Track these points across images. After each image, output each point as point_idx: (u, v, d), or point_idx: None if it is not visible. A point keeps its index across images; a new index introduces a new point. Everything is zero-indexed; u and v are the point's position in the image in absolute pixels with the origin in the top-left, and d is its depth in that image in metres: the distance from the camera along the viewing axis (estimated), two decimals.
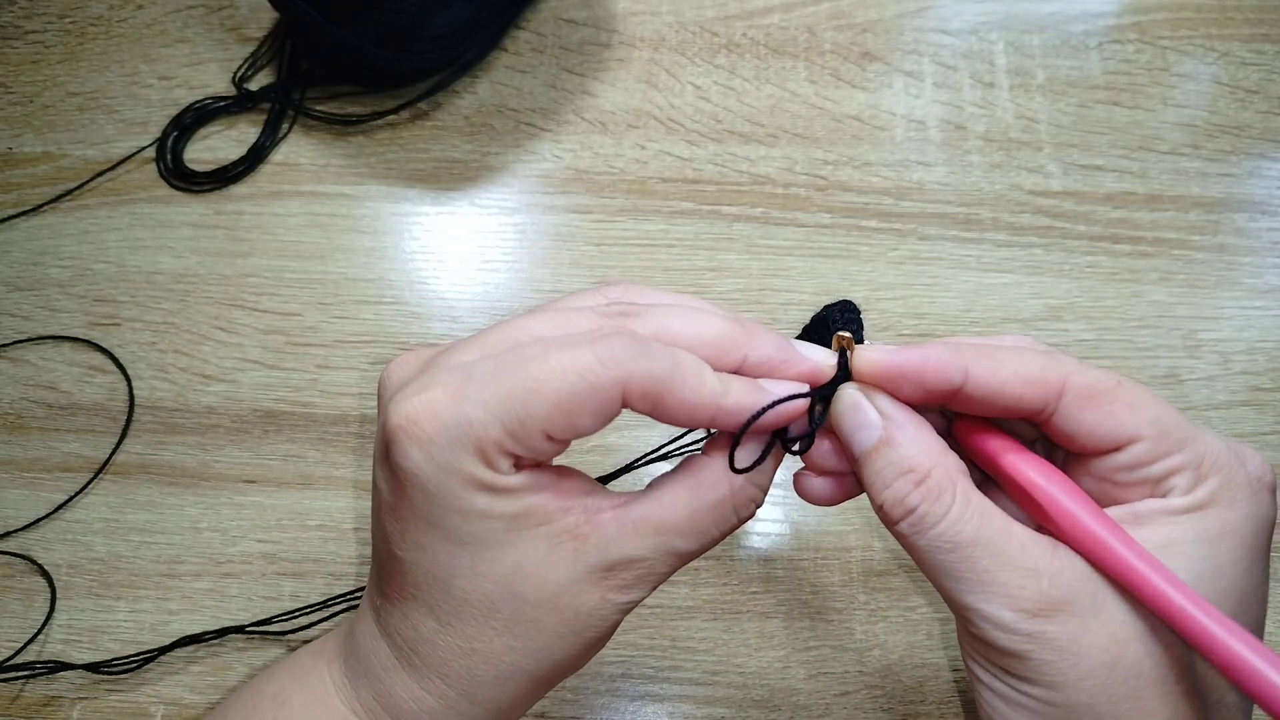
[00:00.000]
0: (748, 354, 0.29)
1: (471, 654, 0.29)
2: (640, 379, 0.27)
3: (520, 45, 0.61)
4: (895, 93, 0.59)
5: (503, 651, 0.29)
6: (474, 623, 0.29)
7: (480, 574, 0.28)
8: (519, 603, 0.28)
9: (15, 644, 0.46)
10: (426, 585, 0.29)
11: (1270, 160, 0.56)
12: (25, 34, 0.62)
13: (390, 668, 0.31)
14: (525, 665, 0.29)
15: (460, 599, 0.29)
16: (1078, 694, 0.27)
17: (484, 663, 0.29)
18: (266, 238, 0.55)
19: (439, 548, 0.28)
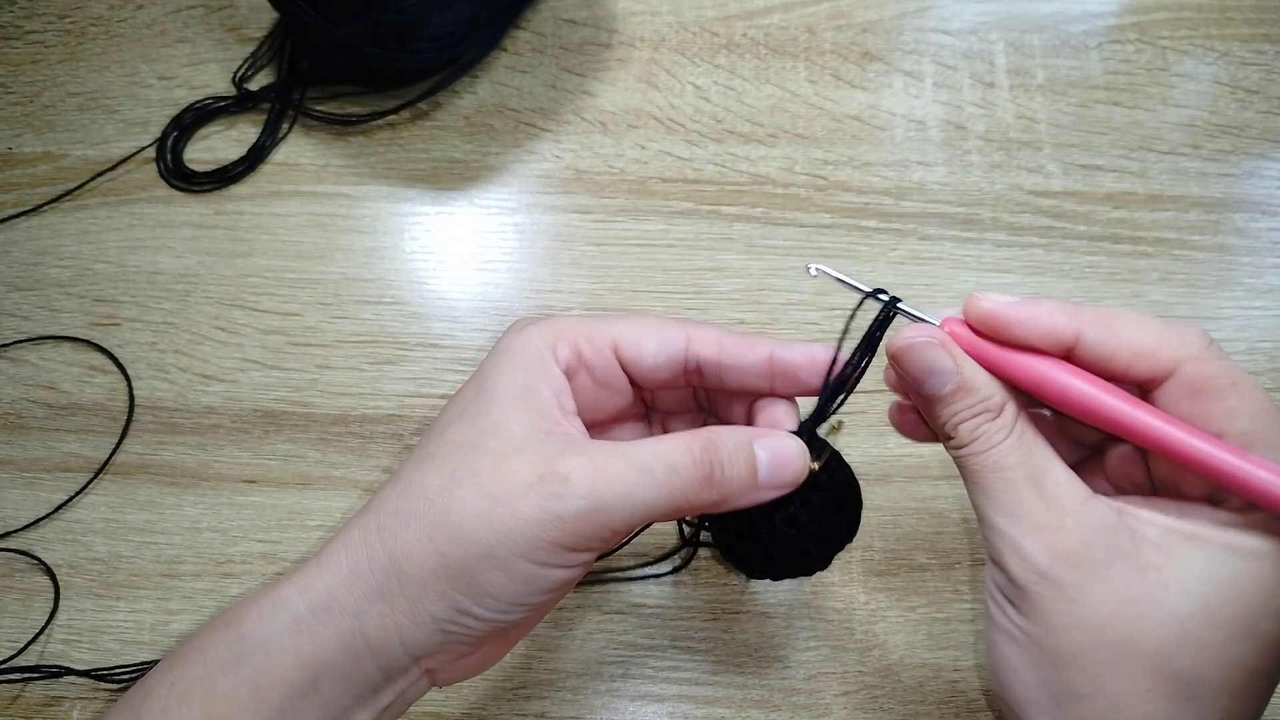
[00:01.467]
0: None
1: (410, 486, 0.31)
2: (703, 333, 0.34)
3: (520, 45, 0.61)
4: (895, 93, 0.59)
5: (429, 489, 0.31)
6: (437, 459, 0.32)
7: (470, 421, 0.32)
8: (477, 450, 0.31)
9: (15, 644, 0.46)
10: (435, 429, 0.33)
11: (1270, 160, 0.56)
12: (25, 34, 0.62)
13: (344, 525, 0.32)
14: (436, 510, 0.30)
15: (445, 439, 0.32)
16: (1066, 641, 0.28)
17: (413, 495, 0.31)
18: (266, 238, 0.55)
19: (466, 395, 0.33)
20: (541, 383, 0.33)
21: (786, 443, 0.33)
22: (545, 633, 0.46)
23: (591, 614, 0.46)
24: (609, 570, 0.47)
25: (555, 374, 0.33)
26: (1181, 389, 0.29)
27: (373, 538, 0.31)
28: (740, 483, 0.32)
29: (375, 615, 0.30)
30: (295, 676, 0.30)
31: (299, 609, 0.31)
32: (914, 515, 0.48)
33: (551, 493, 0.29)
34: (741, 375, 0.35)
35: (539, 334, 0.34)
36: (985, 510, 0.30)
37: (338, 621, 0.30)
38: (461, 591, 0.30)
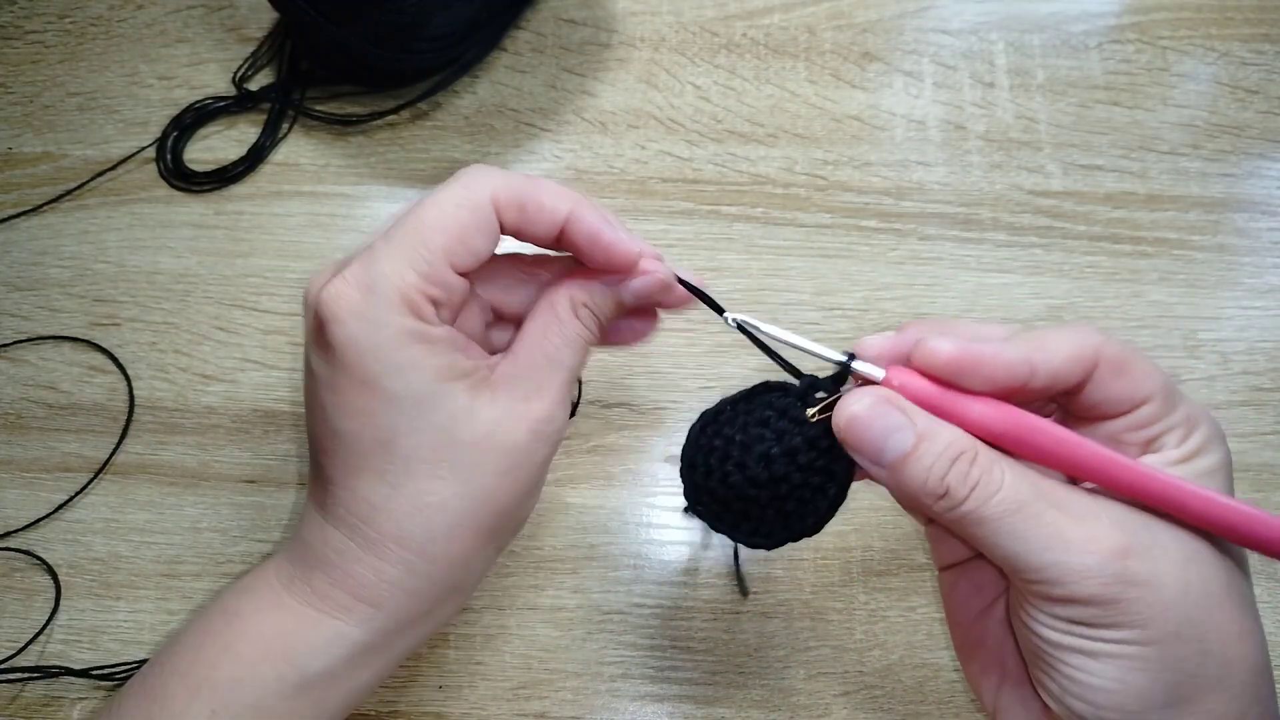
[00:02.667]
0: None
1: (424, 509, 0.31)
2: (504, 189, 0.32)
3: (520, 45, 0.61)
4: (895, 93, 0.59)
5: (451, 499, 0.31)
6: (423, 476, 0.31)
7: (419, 428, 0.31)
8: (460, 447, 0.31)
9: (15, 644, 0.46)
10: (371, 452, 0.31)
11: (1270, 160, 0.56)
12: (25, 34, 0.62)
13: (343, 550, 0.32)
14: (473, 511, 0.32)
15: (406, 456, 0.31)
16: (1166, 624, 0.28)
17: (437, 514, 0.31)
18: (266, 238, 0.55)
19: (378, 409, 0.31)
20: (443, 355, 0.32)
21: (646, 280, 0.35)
22: (545, 633, 0.46)
23: (591, 614, 0.46)
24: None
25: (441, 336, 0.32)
26: (1109, 370, 0.30)
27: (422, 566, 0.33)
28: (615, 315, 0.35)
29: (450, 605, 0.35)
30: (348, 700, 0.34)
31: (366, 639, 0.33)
32: None
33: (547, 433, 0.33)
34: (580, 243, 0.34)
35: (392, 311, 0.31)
36: (1021, 555, 0.28)
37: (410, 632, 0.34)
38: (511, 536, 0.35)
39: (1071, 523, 0.28)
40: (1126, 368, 0.30)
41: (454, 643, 0.46)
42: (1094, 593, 0.28)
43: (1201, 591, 0.28)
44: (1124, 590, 0.28)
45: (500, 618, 0.46)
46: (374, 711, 0.44)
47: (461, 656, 0.45)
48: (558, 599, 0.47)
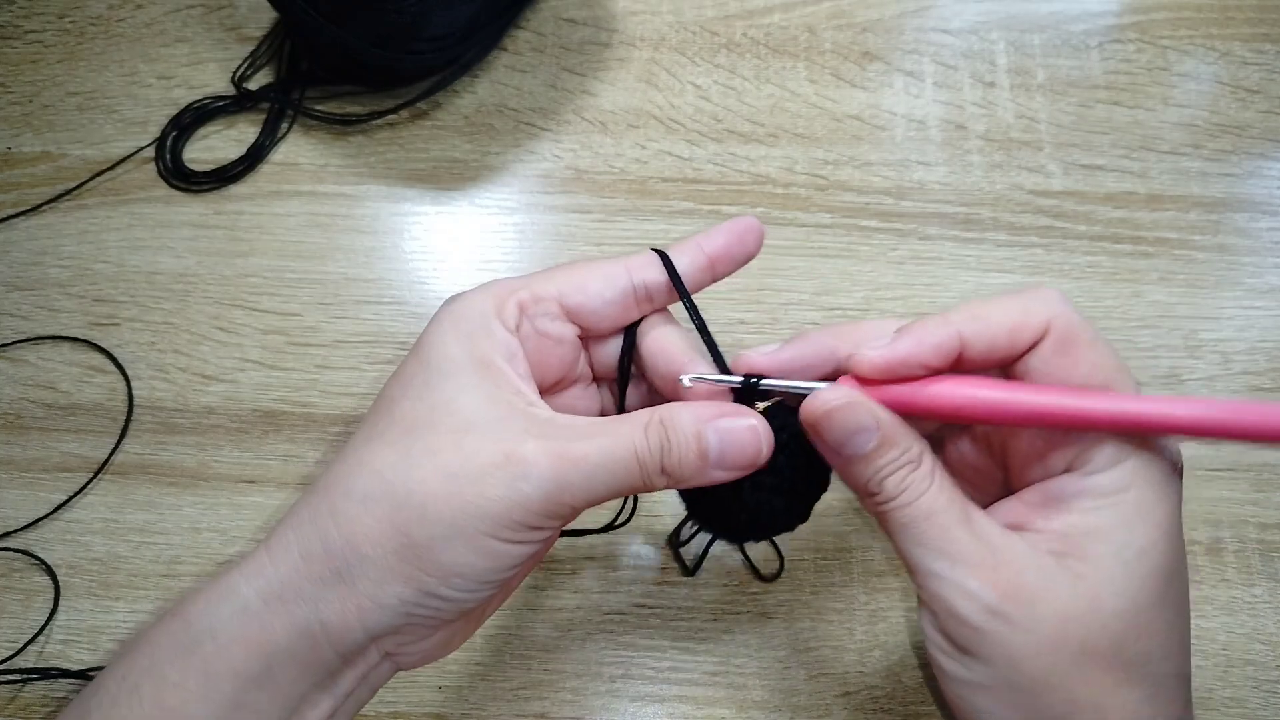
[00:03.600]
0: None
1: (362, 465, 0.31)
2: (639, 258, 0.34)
3: (520, 45, 0.60)
4: (895, 92, 0.59)
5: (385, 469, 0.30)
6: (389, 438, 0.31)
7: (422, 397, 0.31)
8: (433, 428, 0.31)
9: (14, 644, 0.46)
10: (380, 407, 0.32)
11: (1271, 160, 0.56)
12: (24, 33, 0.62)
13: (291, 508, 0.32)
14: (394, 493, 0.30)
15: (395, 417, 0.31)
16: (1034, 669, 0.29)
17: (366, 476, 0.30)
18: (266, 238, 0.55)
19: (410, 370, 0.32)
20: (491, 351, 0.32)
21: (739, 424, 0.31)
22: (545, 633, 0.46)
23: (592, 614, 0.46)
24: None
25: (503, 338, 0.33)
26: (1054, 345, 0.30)
27: (326, 521, 0.30)
28: (691, 467, 0.31)
29: (334, 600, 0.30)
30: (246, 666, 0.30)
31: (247, 596, 0.30)
32: None
33: (517, 474, 0.29)
34: (691, 283, 0.35)
35: (480, 297, 0.33)
36: (921, 559, 0.30)
37: (290, 608, 0.30)
38: (429, 572, 0.30)
39: (973, 544, 0.29)
40: (1071, 346, 0.30)
41: None
42: (966, 615, 0.29)
43: (1076, 648, 0.28)
44: (997, 624, 0.29)
45: (500, 618, 0.46)
46: (374, 712, 0.44)
47: (461, 656, 0.45)
48: (558, 599, 0.46)
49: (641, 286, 0.34)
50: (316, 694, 0.31)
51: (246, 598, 0.30)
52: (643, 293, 0.35)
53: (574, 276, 0.34)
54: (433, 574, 0.30)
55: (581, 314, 0.34)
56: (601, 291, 0.34)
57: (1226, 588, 0.46)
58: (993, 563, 0.29)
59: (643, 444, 0.31)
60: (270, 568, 0.30)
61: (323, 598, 0.30)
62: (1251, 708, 0.44)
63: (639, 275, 0.34)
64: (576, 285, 0.34)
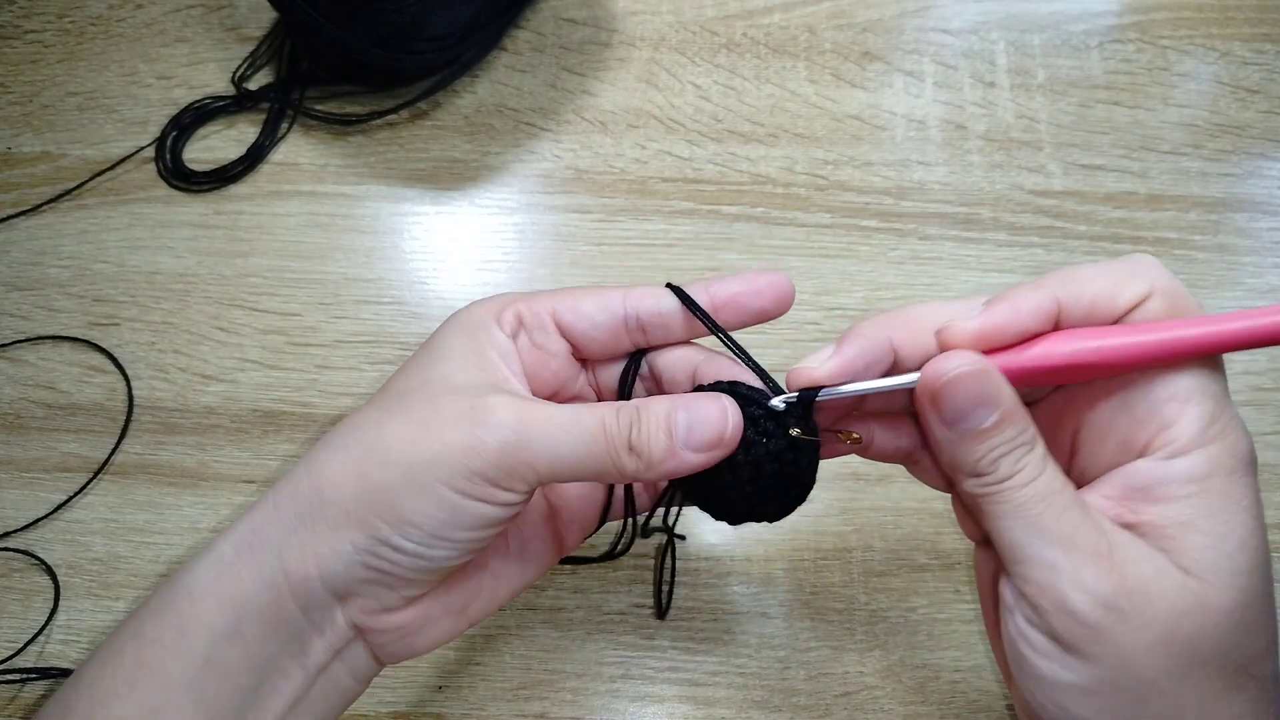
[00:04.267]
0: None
1: (346, 424, 0.32)
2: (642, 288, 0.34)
3: (520, 45, 0.60)
4: (895, 92, 0.59)
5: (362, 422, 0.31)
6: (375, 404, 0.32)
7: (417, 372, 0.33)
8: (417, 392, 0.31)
9: (14, 644, 0.46)
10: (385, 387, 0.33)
11: (1271, 160, 0.56)
12: (24, 33, 0.62)
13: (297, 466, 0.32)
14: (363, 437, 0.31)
15: (389, 389, 0.33)
16: (1144, 670, 0.27)
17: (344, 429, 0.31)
18: (266, 238, 0.55)
19: (415, 359, 0.34)
20: (486, 345, 0.33)
21: (706, 404, 0.31)
22: (545, 633, 0.46)
23: (591, 614, 0.46)
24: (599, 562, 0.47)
25: (500, 339, 0.34)
26: (1161, 306, 0.28)
27: (300, 470, 0.31)
28: (660, 447, 0.30)
29: (295, 546, 0.30)
30: (217, 620, 0.30)
31: (222, 549, 0.31)
32: (914, 515, 0.48)
33: (477, 420, 0.29)
34: (683, 323, 0.34)
35: (483, 305, 0.35)
36: (1032, 546, 0.28)
37: (259, 558, 0.30)
38: (383, 518, 0.29)
39: (1092, 531, 0.28)
40: (1180, 308, 0.28)
41: (454, 643, 0.46)
42: (1079, 608, 0.27)
43: (1188, 649, 0.27)
44: (1112, 620, 0.27)
45: (500, 618, 0.46)
46: (374, 712, 0.44)
47: (461, 656, 0.45)
48: (558, 599, 0.46)
49: (634, 315, 0.34)
50: (286, 660, 0.31)
51: (221, 550, 0.31)
52: (634, 322, 0.34)
53: (570, 296, 0.35)
54: (386, 519, 0.29)
55: (572, 333, 0.35)
56: (593, 314, 0.34)
57: None
58: (1109, 553, 0.27)
59: (611, 419, 0.30)
60: (245, 520, 0.31)
61: (286, 544, 0.30)
62: None
63: (633, 304, 0.34)
64: (570, 304, 0.34)
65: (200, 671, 0.30)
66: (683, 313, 0.34)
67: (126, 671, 0.30)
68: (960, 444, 0.29)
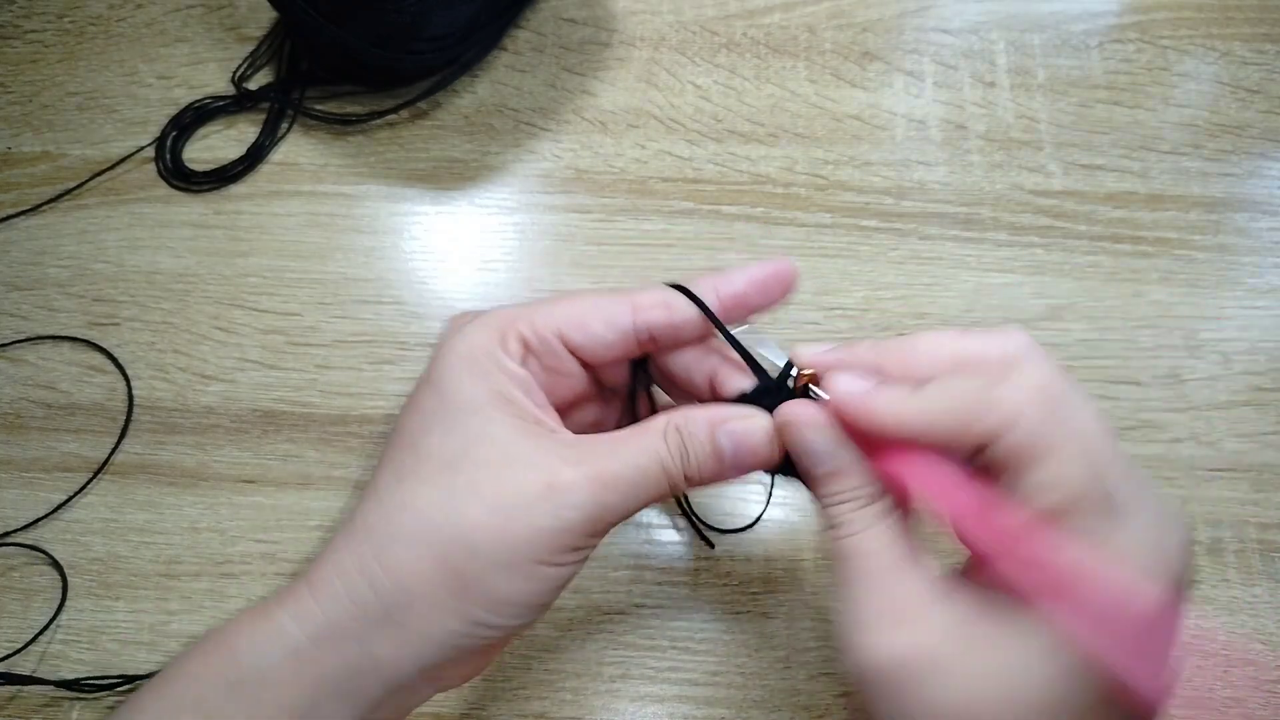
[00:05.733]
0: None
1: (404, 507, 0.31)
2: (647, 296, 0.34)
3: (520, 45, 0.60)
4: (895, 92, 0.59)
5: (431, 509, 0.31)
6: (424, 479, 0.31)
7: (450, 432, 0.32)
8: (467, 464, 0.31)
9: (13, 644, 0.46)
10: (405, 446, 0.33)
11: (1271, 160, 0.56)
12: (24, 33, 0.62)
13: (331, 541, 0.32)
14: (441, 533, 0.30)
15: (424, 454, 0.32)
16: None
17: (410, 517, 0.31)
18: (266, 237, 0.55)
19: (429, 406, 0.33)
20: (506, 385, 0.33)
21: (749, 427, 0.32)
22: (545, 633, 0.46)
23: (591, 614, 0.46)
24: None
25: (515, 371, 0.33)
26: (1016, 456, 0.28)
27: (372, 564, 0.31)
28: (710, 471, 0.32)
29: (385, 639, 0.30)
30: (294, 702, 0.30)
31: (297, 638, 0.31)
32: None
33: (560, 503, 0.30)
34: (695, 326, 0.35)
35: (483, 333, 0.33)
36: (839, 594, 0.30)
37: (341, 648, 0.30)
38: (478, 604, 0.30)
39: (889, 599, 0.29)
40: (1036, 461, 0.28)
41: None
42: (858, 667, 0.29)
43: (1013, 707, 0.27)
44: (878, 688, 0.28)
45: None
46: None
47: None
48: (558, 599, 0.46)
49: (644, 328, 0.34)
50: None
51: (296, 639, 0.31)
52: (645, 335, 0.35)
53: (575, 312, 0.34)
54: (484, 605, 0.31)
55: (582, 352, 0.35)
56: (603, 334, 0.34)
57: (1226, 588, 0.46)
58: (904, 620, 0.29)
59: (665, 454, 0.32)
60: (319, 611, 0.31)
61: (374, 638, 0.30)
62: (1252, 708, 0.44)
63: (643, 317, 0.34)
64: (577, 323, 0.34)
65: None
66: (696, 317, 0.35)
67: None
68: (807, 481, 0.32)
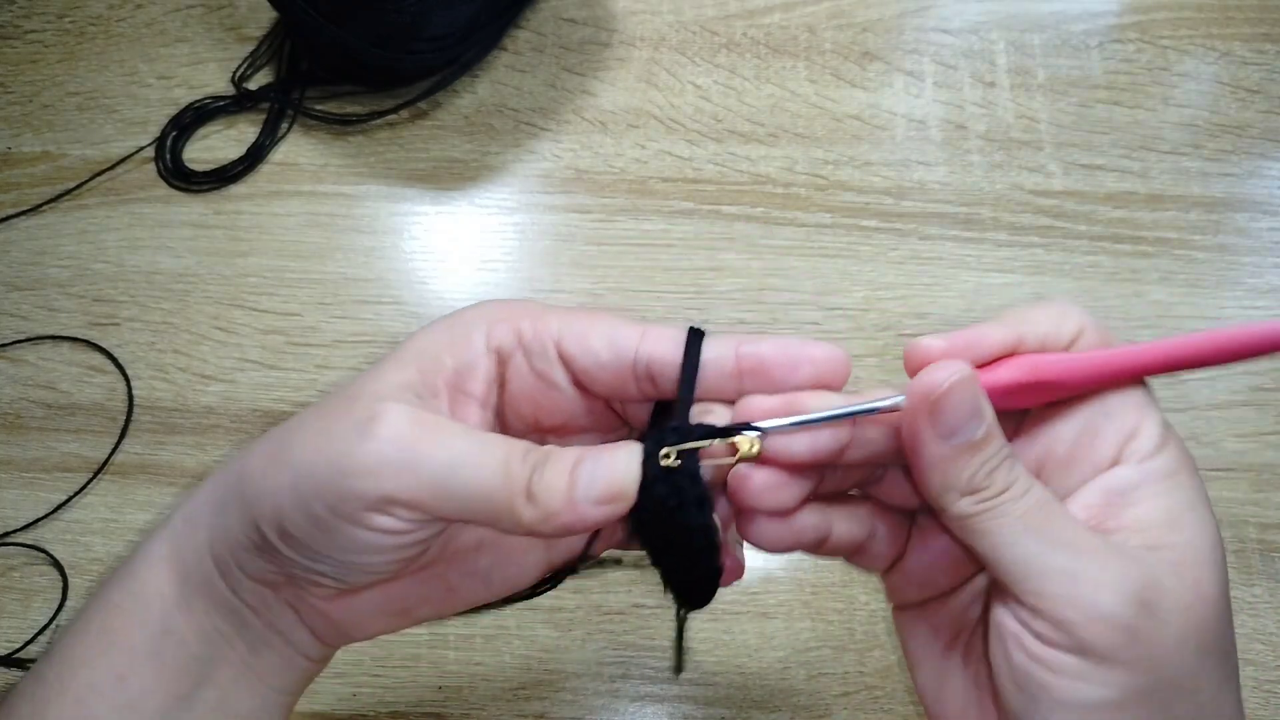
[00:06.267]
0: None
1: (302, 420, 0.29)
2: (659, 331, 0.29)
3: (520, 45, 0.60)
4: (896, 92, 0.59)
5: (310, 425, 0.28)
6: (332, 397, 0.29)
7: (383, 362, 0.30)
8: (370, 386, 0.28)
9: (13, 643, 0.46)
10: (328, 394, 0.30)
11: (1271, 160, 0.56)
12: (24, 33, 0.62)
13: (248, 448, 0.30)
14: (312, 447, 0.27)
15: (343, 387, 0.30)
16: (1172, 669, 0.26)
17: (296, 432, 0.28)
18: (266, 237, 0.55)
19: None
20: (448, 353, 0.30)
21: (612, 456, 0.27)
22: (545, 633, 0.46)
23: (591, 614, 0.46)
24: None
25: (472, 350, 0.30)
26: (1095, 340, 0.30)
27: (233, 461, 0.30)
28: (559, 498, 0.26)
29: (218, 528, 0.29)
30: (169, 589, 0.30)
31: (175, 522, 0.30)
32: None
33: (364, 431, 0.26)
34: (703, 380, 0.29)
35: (481, 310, 0.31)
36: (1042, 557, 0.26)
37: (195, 533, 0.30)
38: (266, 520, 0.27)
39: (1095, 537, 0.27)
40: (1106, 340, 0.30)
41: (454, 643, 0.46)
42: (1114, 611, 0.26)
43: (1197, 641, 0.26)
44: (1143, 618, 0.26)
45: (500, 618, 0.46)
46: (373, 712, 0.44)
47: (461, 657, 0.45)
48: (558, 599, 0.46)
49: (644, 361, 0.29)
50: (230, 632, 0.30)
51: (174, 523, 0.31)
52: (643, 369, 0.29)
53: (581, 324, 0.30)
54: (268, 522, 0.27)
55: (574, 364, 0.30)
56: (598, 351, 0.29)
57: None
58: (1117, 553, 0.26)
59: (518, 457, 0.27)
60: (194, 495, 0.31)
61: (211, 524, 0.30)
62: (1252, 708, 0.44)
63: (646, 346, 0.29)
64: (578, 335, 0.30)
65: (159, 639, 0.30)
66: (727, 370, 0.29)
67: (93, 638, 0.30)
68: (954, 460, 0.27)
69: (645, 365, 0.29)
